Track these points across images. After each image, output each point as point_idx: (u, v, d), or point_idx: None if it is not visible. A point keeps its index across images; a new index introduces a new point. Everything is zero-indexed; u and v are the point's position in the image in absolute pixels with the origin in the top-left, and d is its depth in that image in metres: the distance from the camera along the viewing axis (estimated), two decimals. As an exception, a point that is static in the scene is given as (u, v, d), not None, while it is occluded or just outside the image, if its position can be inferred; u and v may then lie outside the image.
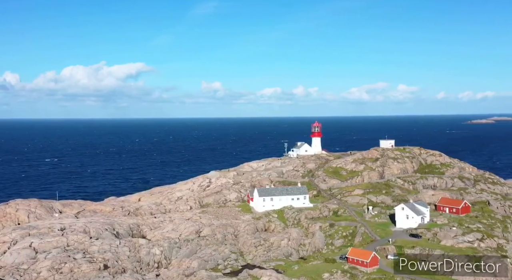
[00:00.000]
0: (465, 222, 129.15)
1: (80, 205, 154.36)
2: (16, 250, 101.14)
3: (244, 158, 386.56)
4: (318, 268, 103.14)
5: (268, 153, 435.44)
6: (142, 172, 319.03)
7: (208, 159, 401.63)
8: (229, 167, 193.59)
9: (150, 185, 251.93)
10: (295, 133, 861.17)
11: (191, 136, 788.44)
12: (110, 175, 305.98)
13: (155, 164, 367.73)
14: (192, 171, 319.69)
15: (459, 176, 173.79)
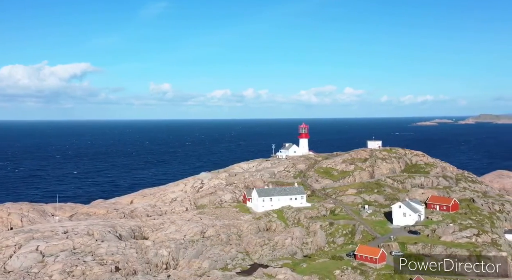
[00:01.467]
0: (458, 219, 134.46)
1: (71, 208, 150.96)
2: (23, 254, 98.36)
3: (211, 160, 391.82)
4: (327, 265, 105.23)
5: (234, 155, 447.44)
6: (110, 176, 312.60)
7: (172, 161, 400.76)
8: (199, 168, 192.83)
9: (122, 188, 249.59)
10: (253, 135, 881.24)
11: (147, 138, 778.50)
12: (76, 178, 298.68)
13: (119, 167, 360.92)
14: (162, 173, 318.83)
15: (443, 175, 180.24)
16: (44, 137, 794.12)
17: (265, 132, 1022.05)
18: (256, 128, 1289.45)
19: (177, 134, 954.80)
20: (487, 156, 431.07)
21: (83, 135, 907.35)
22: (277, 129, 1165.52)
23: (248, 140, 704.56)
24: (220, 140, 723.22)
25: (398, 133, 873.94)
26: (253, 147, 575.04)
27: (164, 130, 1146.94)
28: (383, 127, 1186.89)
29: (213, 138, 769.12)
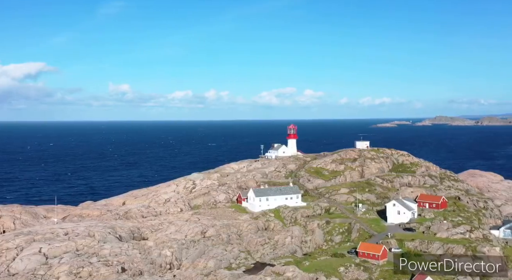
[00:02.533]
0: (449, 216, 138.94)
1: (63, 210, 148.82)
2: (26, 256, 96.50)
3: (185, 161, 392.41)
4: (330, 263, 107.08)
5: (208, 156, 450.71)
6: (83, 178, 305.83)
7: (143, 163, 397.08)
8: (174, 169, 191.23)
9: (100, 191, 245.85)
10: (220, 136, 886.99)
11: (111, 140, 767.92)
12: (48, 181, 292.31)
13: (90, 169, 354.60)
14: (136, 175, 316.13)
15: (428, 174, 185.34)
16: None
17: (229, 133, 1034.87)
18: (219, 129, 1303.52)
19: (140, 135, 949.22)
20: (451, 157, 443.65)
21: (46, 136, 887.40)
22: (241, 130, 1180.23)
23: (217, 142, 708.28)
24: (188, 141, 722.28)
25: (361, 134, 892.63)
26: (225, 148, 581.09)
27: (126, 132, 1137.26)
28: (345, 129, 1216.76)
29: (179, 140, 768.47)
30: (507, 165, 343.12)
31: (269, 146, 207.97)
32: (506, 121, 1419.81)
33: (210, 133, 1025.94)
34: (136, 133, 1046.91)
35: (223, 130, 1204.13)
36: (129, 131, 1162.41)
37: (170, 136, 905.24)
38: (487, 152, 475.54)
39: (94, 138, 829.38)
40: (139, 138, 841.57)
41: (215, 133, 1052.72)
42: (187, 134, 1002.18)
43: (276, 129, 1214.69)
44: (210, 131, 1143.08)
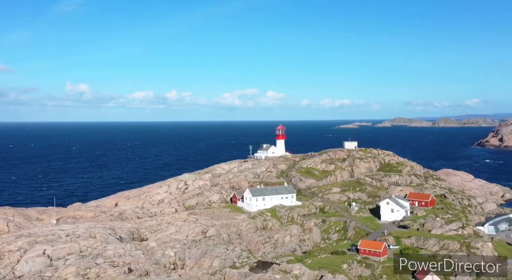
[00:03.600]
0: (439, 213, 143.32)
1: (55, 212, 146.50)
2: (31, 258, 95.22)
3: (158, 163, 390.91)
4: (332, 260, 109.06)
5: (178, 157, 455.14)
6: (57, 181, 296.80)
7: (114, 165, 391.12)
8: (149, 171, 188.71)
9: (78, 193, 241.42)
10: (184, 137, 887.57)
11: (74, 141, 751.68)
12: (18, 183, 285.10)
13: (60, 171, 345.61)
14: (111, 177, 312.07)
15: (414, 174, 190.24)
16: None
17: (194, 134, 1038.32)
18: (183, 130, 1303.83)
19: (103, 136, 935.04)
20: (418, 157, 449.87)
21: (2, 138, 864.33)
22: (205, 131, 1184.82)
23: (184, 143, 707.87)
24: (155, 142, 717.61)
25: (326, 136, 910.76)
26: (194, 149, 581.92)
27: (87, 133, 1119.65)
28: (310, 130, 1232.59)
29: (145, 141, 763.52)
30: (472, 165, 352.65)
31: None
32: (460, 123, 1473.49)
33: (175, 134, 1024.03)
34: (98, 134, 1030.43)
35: (187, 131, 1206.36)
36: (91, 132, 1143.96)
37: (134, 137, 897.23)
38: (450, 153, 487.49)
39: (56, 139, 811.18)
40: (102, 139, 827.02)
41: (180, 134, 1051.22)
42: (152, 135, 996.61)
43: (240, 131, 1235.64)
44: (175, 132, 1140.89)
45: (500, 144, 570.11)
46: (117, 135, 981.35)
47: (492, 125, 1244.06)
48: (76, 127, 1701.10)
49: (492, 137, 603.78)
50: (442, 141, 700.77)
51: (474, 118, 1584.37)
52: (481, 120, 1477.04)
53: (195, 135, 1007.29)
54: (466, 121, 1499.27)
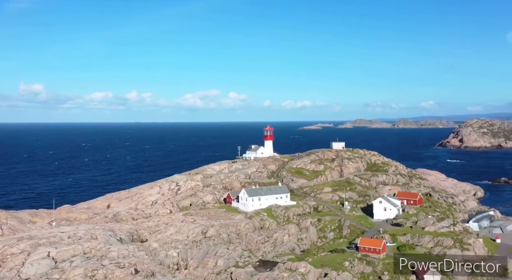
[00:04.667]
0: (429, 211, 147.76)
1: (47, 214, 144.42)
2: (35, 260, 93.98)
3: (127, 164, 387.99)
4: (333, 258, 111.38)
5: (150, 159, 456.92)
6: (27, 184, 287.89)
7: (85, 166, 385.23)
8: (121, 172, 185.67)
9: (53, 196, 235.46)
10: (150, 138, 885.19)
11: (36, 144, 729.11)
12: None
13: (29, 173, 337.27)
14: (86, 179, 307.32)
15: (399, 173, 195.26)
16: None
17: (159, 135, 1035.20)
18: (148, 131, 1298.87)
19: (64, 138, 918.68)
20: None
21: None
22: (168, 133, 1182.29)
23: (152, 144, 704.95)
24: (120, 144, 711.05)
25: (292, 136, 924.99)
26: (164, 151, 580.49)
27: (47, 134, 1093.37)
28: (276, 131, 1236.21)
29: (110, 142, 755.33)
30: (438, 165, 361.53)
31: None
32: (418, 124, 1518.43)
33: (140, 136, 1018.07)
34: (58, 136, 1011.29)
35: (152, 132, 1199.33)
36: (49, 134, 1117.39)
37: (97, 138, 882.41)
38: (415, 153, 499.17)
39: (16, 141, 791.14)
40: (64, 141, 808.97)
41: (144, 135, 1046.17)
42: (117, 136, 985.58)
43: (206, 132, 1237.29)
44: (139, 134, 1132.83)
45: (460, 144, 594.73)
46: (78, 137, 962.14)
47: (447, 127, 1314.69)
48: (33, 128, 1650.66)
49: (453, 138, 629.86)
50: (405, 142, 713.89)
51: (431, 119, 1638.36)
52: (438, 121, 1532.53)
53: (160, 136, 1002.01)
54: (424, 122, 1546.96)
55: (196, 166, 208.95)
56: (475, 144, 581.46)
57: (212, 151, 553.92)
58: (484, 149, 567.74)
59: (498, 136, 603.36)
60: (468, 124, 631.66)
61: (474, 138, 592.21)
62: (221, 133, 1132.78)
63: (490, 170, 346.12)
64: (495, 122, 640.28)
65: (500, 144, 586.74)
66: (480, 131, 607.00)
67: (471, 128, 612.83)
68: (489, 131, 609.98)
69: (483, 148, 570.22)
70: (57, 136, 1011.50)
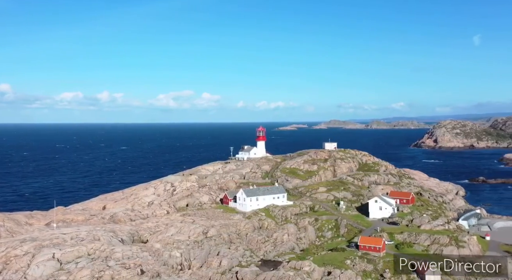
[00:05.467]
0: (421, 210, 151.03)
1: (43, 216, 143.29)
2: (41, 262, 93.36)
3: (111, 165, 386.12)
4: (334, 256, 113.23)
5: (129, 160, 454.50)
6: (13, 185, 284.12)
7: (62, 168, 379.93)
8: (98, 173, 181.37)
9: (33, 198, 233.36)
10: (126, 139, 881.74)
11: (6, 144, 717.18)
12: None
13: (5, 176, 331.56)
14: (67, 181, 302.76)
15: (390, 173, 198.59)
16: None
17: (134, 136, 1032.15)
18: (121, 132, 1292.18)
19: (35, 139, 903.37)
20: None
21: None
22: (142, 134, 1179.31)
23: (129, 145, 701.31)
24: (95, 145, 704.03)
25: (271, 137, 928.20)
26: (142, 151, 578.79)
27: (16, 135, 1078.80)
28: (251, 132, 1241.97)
29: (85, 143, 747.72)
30: (416, 165, 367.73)
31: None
32: (391, 125, 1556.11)
33: (114, 137, 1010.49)
34: (28, 136, 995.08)
35: (127, 134, 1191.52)
36: (20, 135, 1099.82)
37: (70, 139, 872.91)
38: (392, 153, 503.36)
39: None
40: (37, 141, 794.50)
41: (119, 136, 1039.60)
42: (90, 137, 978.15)
43: (181, 133, 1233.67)
44: (112, 135, 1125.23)
45: (435, 145, 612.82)
46: (50, 137, 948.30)
47: (419, 127, 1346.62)
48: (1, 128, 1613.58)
49: (428, 139, 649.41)
50: (380, 143, 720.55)
51: (402, 120, 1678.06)
52: (409, 122, 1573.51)
53: (135, 137, 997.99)
54: (396, 123, 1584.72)
55: (179, 167, 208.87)
56: (449, 145, 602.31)
57: (191, 152, 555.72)
58: (458, 149, 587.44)
59: (471, 136, 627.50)
60: (441, 125, 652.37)
61: (448, 139, 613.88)
62: (196, 134, 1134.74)
63: (467, 170, 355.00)
64: (467, 123, 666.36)
65: (472, 144, 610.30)
66: (454, 132, 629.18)
67: (445, 129, 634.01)
68: (461, 131, 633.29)
69: (456, 149, 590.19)
70: (28, 137, 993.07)
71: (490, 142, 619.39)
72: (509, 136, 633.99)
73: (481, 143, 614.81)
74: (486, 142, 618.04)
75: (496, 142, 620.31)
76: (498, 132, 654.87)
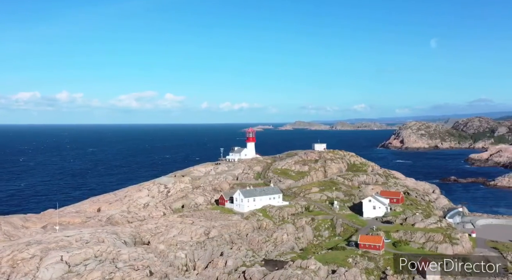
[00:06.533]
0: (412, 209, 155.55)
1: (38, 219, 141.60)
2: (50, 265, 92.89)
3: (83, 168, 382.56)
4: (335, 255, 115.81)
5: (100, 161, 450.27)
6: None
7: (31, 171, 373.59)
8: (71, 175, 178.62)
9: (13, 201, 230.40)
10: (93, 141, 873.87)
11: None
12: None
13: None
14: (38, 184, 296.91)
15: (377, 173, 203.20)
16: None
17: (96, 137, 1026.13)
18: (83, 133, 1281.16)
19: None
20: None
21: None
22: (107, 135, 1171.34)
23: (96, 147, 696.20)
24: (60, 147, 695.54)
25: (240, 138, 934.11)
26: (112, 152, 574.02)
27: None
28: (218, 134, 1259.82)
29: (50, 145, 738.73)
30: (388, 165, 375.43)
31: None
32: (354, 126, 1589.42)
33: (78, 138, 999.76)
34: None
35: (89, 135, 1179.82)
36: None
37: (31, 141, 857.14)
38: (361, 154, 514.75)
39: None
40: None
41: (82, 138, 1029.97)
42: (54, 139, 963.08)
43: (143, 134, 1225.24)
44: (77, 136, 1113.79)
45: (401, 145, 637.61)
46: (9, 139, 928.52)
47: (381, 129, 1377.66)
48: None
49: (394, 139, 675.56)
50: (347, 143, 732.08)
51: (365, 122, 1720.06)
52: (372, 124, 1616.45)
53: (101, 139, 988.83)
54: (360, 124, 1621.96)
55: (155, 169, 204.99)
56: (415, 145, 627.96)
57: (162, 154, 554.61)
58: (423, 150, 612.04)
59: (435, 137, 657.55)
60: (407, 126, 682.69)
61: (414, 140, 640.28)
62: (162, 136, 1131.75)
63: (436, 170, 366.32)
64: (430, 125, 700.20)
65: (436, 145, 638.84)
66: (419, 133, 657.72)
67: (411, 130, 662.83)
68: (426, 132, 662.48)
69: (422, 149, 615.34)
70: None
71: (453, 142, 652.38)
72: (470, 137, 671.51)
73: (445, 143, 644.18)
74: (449, 142, 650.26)
75: (459, 142, 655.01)
76: (460, 133, 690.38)
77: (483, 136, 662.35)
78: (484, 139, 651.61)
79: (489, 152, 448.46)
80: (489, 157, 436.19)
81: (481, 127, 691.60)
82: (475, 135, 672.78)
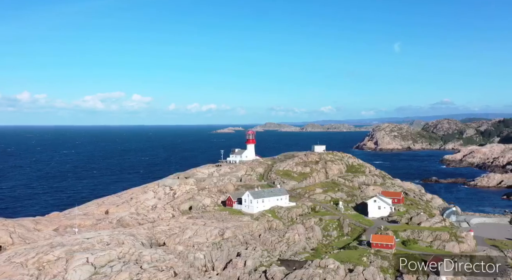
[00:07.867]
0: (413, 209, 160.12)
1: (48, 222, 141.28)
2: (77, 266, 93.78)
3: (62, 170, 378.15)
4: (349, 254, 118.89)
5: (78, 163, 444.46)
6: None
7: (8, 174, 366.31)
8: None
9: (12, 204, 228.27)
10: (65, 142, 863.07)
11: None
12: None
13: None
14: (22, 185, 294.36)
15: (375, 174, 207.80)
16: None
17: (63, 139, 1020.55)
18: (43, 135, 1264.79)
19: None
20: None
21: None
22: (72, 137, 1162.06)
23: (67, 149, 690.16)
24: (31, 149, 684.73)
25: (213, 140, 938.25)
26: (86, 153, 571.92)
27: None
28: (189, 135, 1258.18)
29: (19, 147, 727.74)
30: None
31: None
32: (324, 128, 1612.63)
33: (46, 140, 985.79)
34: None
35: (59, 137, 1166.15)
36: None
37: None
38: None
39: None
40: None
41: (50, 139, 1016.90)
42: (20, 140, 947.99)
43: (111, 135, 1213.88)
44: (44, 138, 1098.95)
45: (375, 147, 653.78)
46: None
47: (350, 130, 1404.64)
48: None
49: (368, 141, 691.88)
50: (325, 144, 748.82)
51: (334, 123, 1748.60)
52: (341, 125, 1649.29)
53: (70, 140, 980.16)
54: (329, 126, 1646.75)
55: (136, 172, 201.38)
56: (389, 147, 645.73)
57: (139, 155, 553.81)
58: (397, 151, 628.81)
59: (407, 139, 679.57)
60: (381, 128, 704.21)
61: (387, 141, 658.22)
62: (133, 137, 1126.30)
63: (415, 171, 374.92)
64: (403, 126, 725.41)
65: (409, 146, 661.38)
66: (392, 135, 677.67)
67: (384, 132, 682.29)
68: (399, 134, 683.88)
69: (395, 150, 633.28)
70: None
71: (425, 144, 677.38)
72: (440, 139, 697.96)
73: (417, 145, 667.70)
74: (421, 144, 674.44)
75: (430, 144, 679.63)
76: (431, 135, 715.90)
77: (452, 138, 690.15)
78: (453, 140, 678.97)
79: (462, 153, 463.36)
80: (462, 158, 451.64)
81: (450, 129, 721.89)
82: (444, 136, 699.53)
